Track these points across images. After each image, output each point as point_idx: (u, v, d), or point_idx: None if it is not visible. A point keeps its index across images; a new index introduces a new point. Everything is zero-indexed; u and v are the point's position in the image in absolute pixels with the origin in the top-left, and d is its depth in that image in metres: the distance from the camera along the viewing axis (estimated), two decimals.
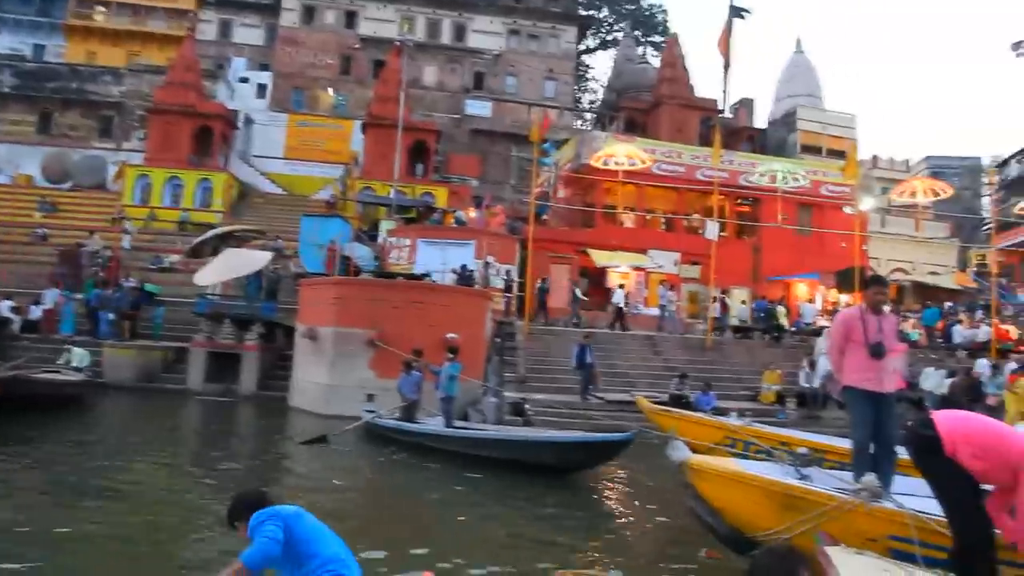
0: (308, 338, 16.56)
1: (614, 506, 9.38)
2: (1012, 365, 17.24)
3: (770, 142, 35.38)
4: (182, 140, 32.03)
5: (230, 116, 34.87)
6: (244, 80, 39.77)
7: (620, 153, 25.62)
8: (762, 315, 22.50)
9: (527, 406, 14.55)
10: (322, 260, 20.37)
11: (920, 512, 4.52)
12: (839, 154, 31.15)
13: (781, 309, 23.01)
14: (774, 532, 4.84)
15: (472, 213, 26.22)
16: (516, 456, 10.17)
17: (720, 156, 23.49)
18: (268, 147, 37.38)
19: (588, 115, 48.81)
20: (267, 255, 20.42)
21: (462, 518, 7.86)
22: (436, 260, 19.98)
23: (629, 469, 11.11)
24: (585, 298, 22.66)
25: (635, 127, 34.06)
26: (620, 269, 25.39)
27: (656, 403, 11.18)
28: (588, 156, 26.73)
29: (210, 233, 23.03)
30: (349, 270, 20.01)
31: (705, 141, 27.37)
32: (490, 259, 20.85)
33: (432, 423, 12.30)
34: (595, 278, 25.33)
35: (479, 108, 41.64)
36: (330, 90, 41.52)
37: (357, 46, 42.56)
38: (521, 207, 28.20)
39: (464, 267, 19.67)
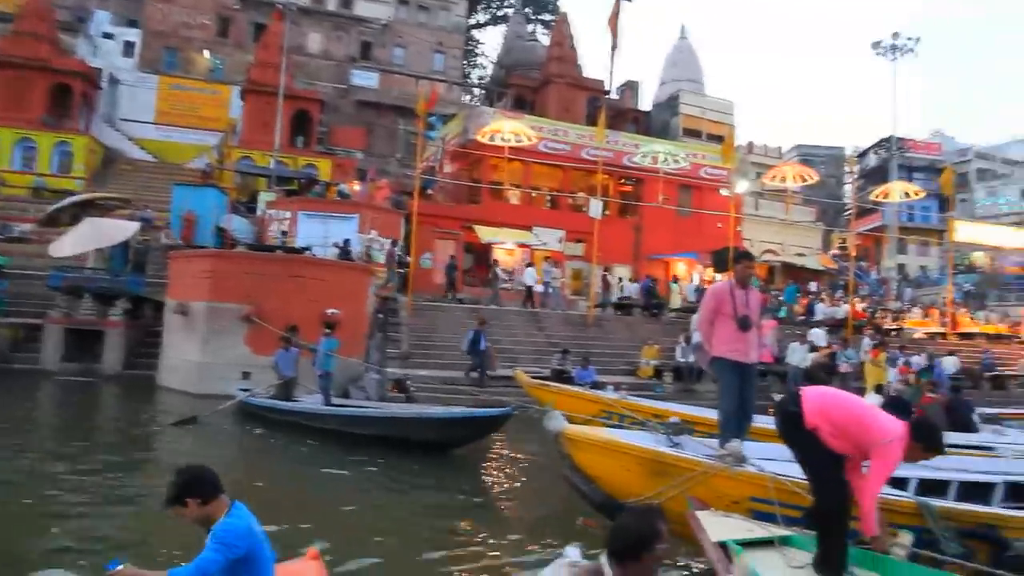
0: (179, 313, 15.71)
1: (495, 480, 9.44)
2: (868, 341, 18.68)
3: (654, 124, 36.39)
4: (34, 98, 29.26)
5: (92, 74, 32.11)
6: (109, 36, 36.74)
7: (507, 129, 25.62)
8: (645, 292, 23.25)
9: (409, 382, 14.40)
10: (179, 230, 19.33)
11: (779, 475, 4.77)
12: (718, 139, 32.45)
13: (675, 287, 23.88)
14: (646, 498, 4.96)
15: (356, 186, 25.59)
16: (396, 433, 10.03)
17: (605, 136, 23.93)
18: (137, 110, 34.88)
19: (477, 91, 48.55)
20: (134, 225, 19.18)
21: (342, 498, 7.67)
22: (318, 233, 19.39)
23: (510, 443, 11.23)
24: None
25: (523, 104, 34.19)
26: (505, 246, 25.52)
27: (537, 378, 11.31)
28: (475, 132, 26.60)
29: (67, 200, 21.38)
30: (225, 242, 19.10)
31: (592, 121, 27.77)
32: (373, 233, 20.42)
33: (310, 401, 11.97)
34: (480, 254, 25.34)
35: (365, 79, 40.53)
36: (206, 52, 39.20)
37: (236, 7, 40.37)
38: (407, 181, 27.78)
39: (346, 241, 19.17)
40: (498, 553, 6.03)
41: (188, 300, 15.67)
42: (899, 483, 5.44)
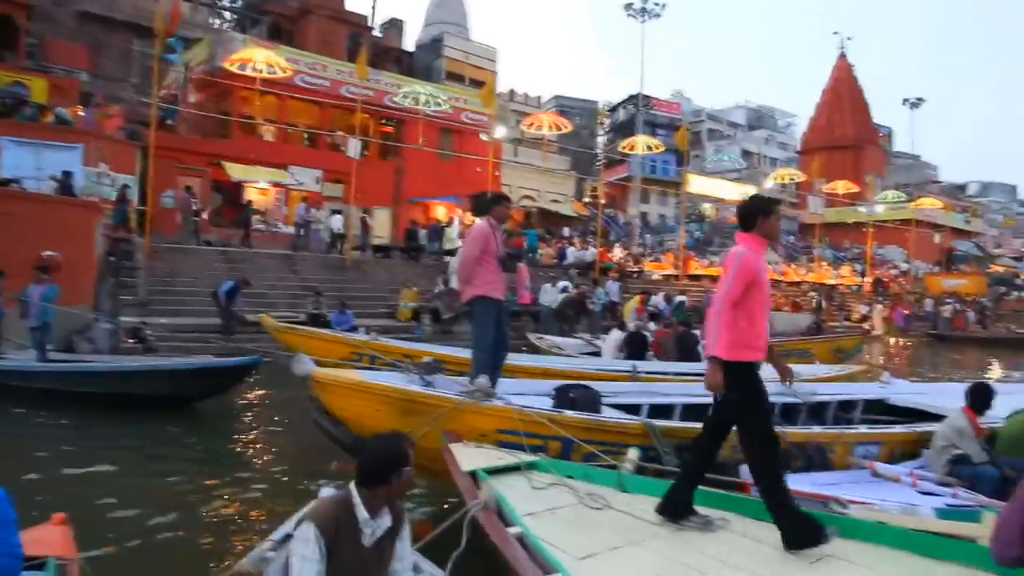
0: None
1: (246, 432, 8.87)
2: (613, 283, 20.17)
3: (418, 66, 35.92)
4: None
5: None
6: None
7: (259, 59, 23.76)
8: (406, 235, 23.16)
9: (148, 332, 13.09)
10: None
11: (524, 407, 5.00)
12: (481, 84, 32.80)
13: (448, 230, 23.91)
14: None
15: (80, 112, 22.35)
16: (125, 389, 8.94)
17: (367, 74, 23.09)
18: None
19: (228, 15, 44.45)
20: None
21: (72, 467, 6.67)
22: (28, 164, 16.71)
23: (264, 392, 10.67)
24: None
25: (280, 34, 31.95)
26: (258, 185, 23.98)
27: (290, 322, 10.76)
28: (223, 59, 24.40)
29: None
30: None
31: (353, 57, 26.63)
32: (103, 167, 18.07)
33: (20, 358, 10.36)
34: (230, 193, 23.59)
35: None
36: None
37: None
38: (144, 110, 24.85)
39: (67, 174, 16.74)
40: (253, 504, 5.77)
41: None
42: (633, 409, 5.94)
